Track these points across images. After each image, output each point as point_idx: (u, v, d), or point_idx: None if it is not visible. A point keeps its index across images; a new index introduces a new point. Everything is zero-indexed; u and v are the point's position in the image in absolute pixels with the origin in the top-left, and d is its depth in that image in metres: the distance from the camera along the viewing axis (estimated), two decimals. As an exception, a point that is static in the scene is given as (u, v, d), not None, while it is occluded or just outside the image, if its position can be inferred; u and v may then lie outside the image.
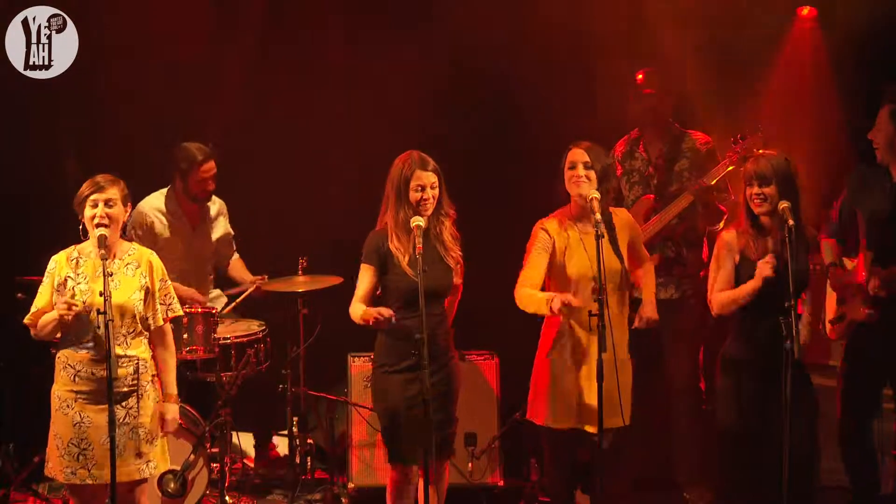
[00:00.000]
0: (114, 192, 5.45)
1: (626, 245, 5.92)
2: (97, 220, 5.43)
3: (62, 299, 5.37)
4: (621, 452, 5.92)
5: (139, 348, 5.53)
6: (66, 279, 5.48)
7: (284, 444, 7.42)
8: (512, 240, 6.25)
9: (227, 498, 6.76)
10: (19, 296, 6.67)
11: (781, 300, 5.47)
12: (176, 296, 5.71)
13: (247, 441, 7.55)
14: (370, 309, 5.65)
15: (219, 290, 7.39)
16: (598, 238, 5.58)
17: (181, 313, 5.74)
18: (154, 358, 5.61)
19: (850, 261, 6.32)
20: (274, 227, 7.63)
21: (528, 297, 5.80)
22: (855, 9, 7.18)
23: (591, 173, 5.79)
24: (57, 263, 5.53)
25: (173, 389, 5.64)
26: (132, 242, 5.71)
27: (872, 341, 6.20)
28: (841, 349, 6.47)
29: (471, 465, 6.89)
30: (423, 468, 5.60)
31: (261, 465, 7.44)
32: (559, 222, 5.91)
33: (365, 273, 5.76)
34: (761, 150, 6.48)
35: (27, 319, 5.54)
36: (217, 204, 7.35)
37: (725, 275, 5.82)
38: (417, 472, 5.73)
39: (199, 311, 6.80)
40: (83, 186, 5.48)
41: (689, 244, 6.88)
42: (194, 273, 7.23)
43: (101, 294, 5.30)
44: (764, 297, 5.64)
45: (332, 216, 7.51)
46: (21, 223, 7.44)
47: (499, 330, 6.95)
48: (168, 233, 7.17)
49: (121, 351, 5.46)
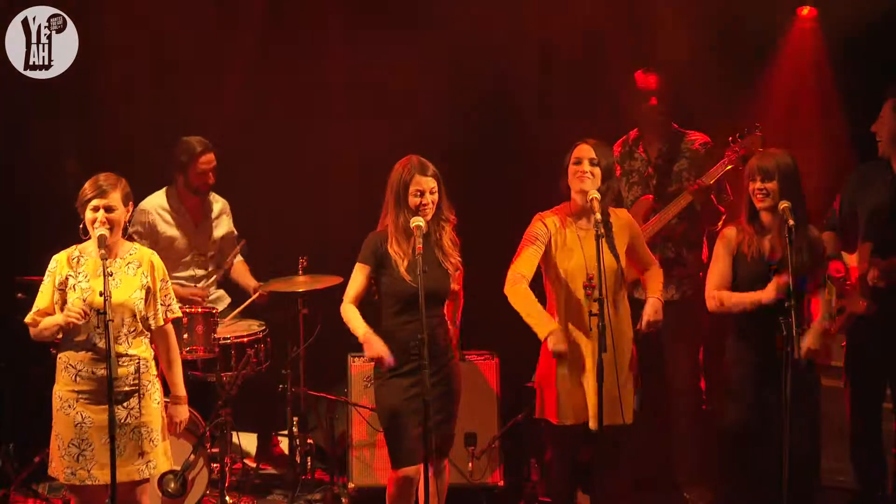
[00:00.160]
0: (115, 197, 5.45)
1: (625, 246, 5.91)
2: (97, 225, 5.43)
3: (76, 308, 5.35)
4: (621, 452, 5.92)
5: (140, 348, 5.53)
6: (66, 278, 5.48)
7: (284, 444, 7.43)
8: (512, 240, 6.24)
9: (228, 498, 6.76)
10: (19, 296, 6.68)
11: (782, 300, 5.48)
12: (176, 297, 5.71)
13: (248, 441, 7.56)
14: (376, 344, 5.61)
15: (222, 291, 7.39)
16: (598, 238, 5.58)
17: (179, 314, 5.73)
18: (157, 358, 5.61)
19: (850, 255, 6.33)
20: (274, 227, 7.63)
21: (525, 304, 5.80)
22: (855, 9, 7.17)
23: (597, 170, 5.79)
24: (58, 263, 5.53)
25: (182, 391, 5.66)
26: (134, 242, 5.71)
27: (872, 336, 6.20)
28: (842, 349, 6.47)
29: (471, 465, 6.89)
30: (423, 468, 5.59)
31: (264, 463, 7.43)
32: (558, 218, 5.91)
33: (359, 273, 5.74)
34: (760, 148, 6.50)
35: (28, 319, 5.54)
36: (220, 203, 7.36)
37: (720, 270, 5.84)
38: (418, 472, 5.73)
39: (199, 311, 6.81)
40: (85, 187, 5.48)
41: (689, 244, 6.87)
42: (197, 271, 7.25)
43: (101, 294, 5.31)
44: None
45: (332, 216, 7.52)
46: (21, 223, 7.44)
47: (499, 330, 6.93)
48: (170, 230, 7.18)
49: (121, 350, 5.46)
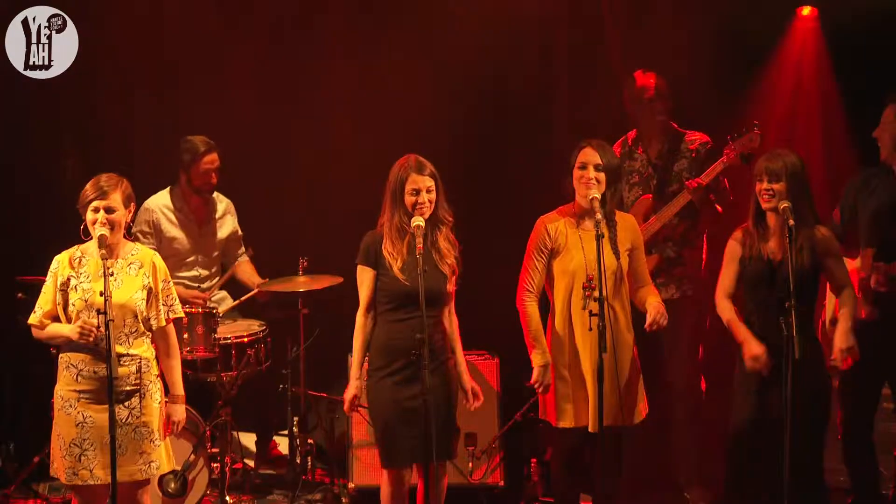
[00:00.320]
0: (115, 198, 5.45)
1: (627, 250, 5.88)
2: (98, 226, 5.43)
3: (89, 325, 5.34)
4: (622, 454, 5.92)
5: (141, 348, 5.53)
6: (68, 279, 5.48)
7: (285, 444, 7.43)
8: (511, 239, 6.24)
9: (228, 498, 6.76)
10: (19, 296, 6.69)
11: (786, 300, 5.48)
12: (178, 298, 5.70)
13: (248, 441, 7.56)
14: (352, 385, 5.72)
15: (224, 293, 7.38)
16: (599, 238, 5.58)
17: (181, 315, 5.72)
18: (158, 359, 5.61)
19: (851, 261, 6.33)
20: (274, 227, 7.62)
21: (528, 326, 5.89)
22: (855, 9, 7.17)
23: (602, 175, 5.77)
24: (60, 263, 5.53)
25: (180, 391, 5.64)
26: (135, 243, 5.70)
27: (872, 340, 6.20)
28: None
29: (471, 464, 6.89)
30: (423, 469, 5.59)
31: (262, 467, 7.43)
32: (560, 219, 5.90)
33: (365, 275, 5.72)
34: (757, 146, 6.50)
35: (35, 321, 5.52)
36: (224, 203, 7.36)
37: (726, 276, 5.86)
38: (410, 474, 5.72)
39: (200, 311, 6.81)
40: (87, 187, 5.47)
41: (690, 244, 6.87)
42: (201, 271, 7.26)
43: (102, 294, 5.31)
44: (769, 298, 5.66)
45: (332, 216, 7.51)
46: (21, 223, 7.43)
47: (499, 330, 6.93)
48: (174, 230, 7.18)
49: (122, 350, 5.46)
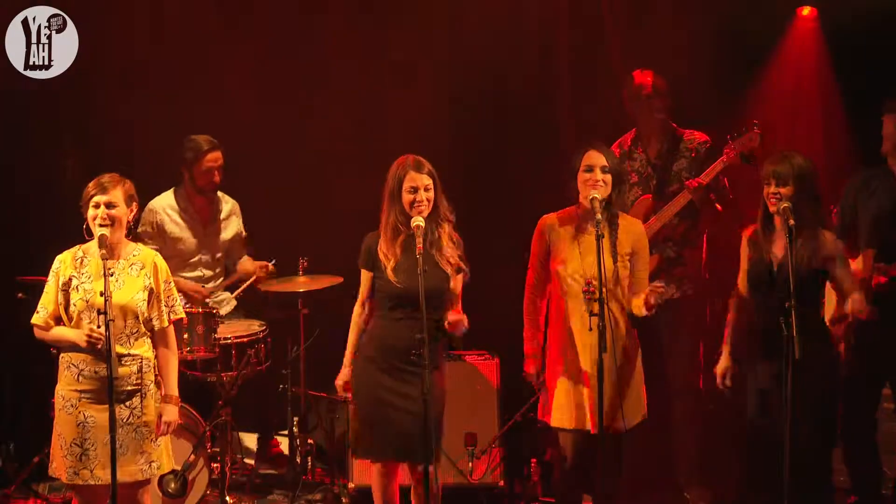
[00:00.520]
0: (116, 194, 5.45)
1: (627, 253, 5.86)
2: (98, 222, 5.43)
3: (96, 333, 5.35)
4: (622, 454, 5.92)
5: (142, 348, 5.53)
6: (70, 279, 5.48)
7: (285, 444, 7.43)
8: (511, 240, 6.25)
9: (228, 498, 6.76)
10: (20, 296, 6.69)
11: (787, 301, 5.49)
12: (178, 295, 5.70)
13: (248, 441, 7.56)
14: (342, 373, 5.77)
15: (228, 294, 7.38)
16: (599, 238, 5.58)
17: (182, 315, 5.73)
18: (157, 358, 5.61)
19: (851, 261, 6.32)
20: (274, 228, 7.62)
21: (526, 324, 5.95)
22: (855, 9, 7.17)
23: (608, 177, 5.77)
24: (62, 263, 5.53)
25: (174, 391, 5.63)
26: (137, 243, 5.69)
27: (872, 339, 6.20)
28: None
29: (471, 465, 6.89)
30: (422, 471, 5.59)
31: (262, 466, 7.43)
32: (561, 221, 5.90)
33: (363, 276, 5.78)
34: (757, 146, 6.50)
35: (39, 321, 5.52)
36: (230, 204, 7.36)
37: (741, 275, 5.91)
38: (395, 470, 5.74)
39: (200, 311, 6.80)
40: (88, 186, 5.48)
41: (690, 244, 6.88)
42: (205, 271, 7.27)
43: (102, 294, 5.31)
44: (770, 298, 5.67)
45: (332, 216, 7.51)
46: (21, 223, 7.43)
47: (499, 330, 6.94)
48: (178, 230, 7.19)
49: (123, 350, 5.46)
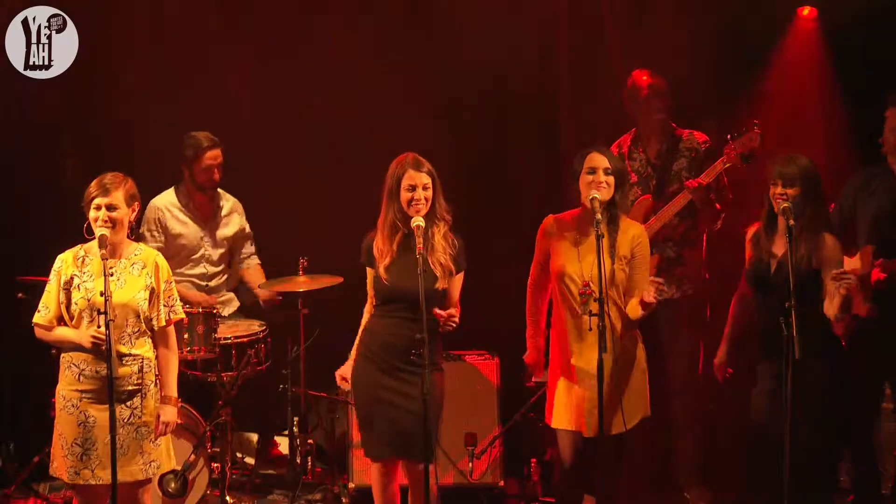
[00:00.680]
0: (118, 196, 5.46)
1: (626, 256, 5.84)
2: (99, 223, 5.44)
3: (100, 334, 5.35)
4: (622, 455, 5.92)
5: (143, 348, 5.54)
6: (72, 278, 5.49)
7: (285, 443, 7.44)
8: (511, 240, 6.25)
9: (228, 498, 6.76)
10: (20, 296, 6.69)
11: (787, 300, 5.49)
12: (180, 299, 5.71)
13: (248, 441, 7.56)
14: (344, 368, 5.81)
15: (231, 294, 7.39)
16: (599, 238, 5.58)
17: (182, 316, 5.73)
18: (157, 358, 5.61)
19: (850, 259, 6.34)
20: (274, 227, 7.62)
21: (527, 314, 6.00)
22: (855, 9, 7.17)
23: (611, 178, 5.76)
24: (63, 262, 5.54)
25: (173, 392, 5.63)
26: (139, 243, 5.70)
27: (872, 338, 6.21)
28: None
29: (471, 464, 6.90)
30: (424, 470, 5.57)
31: (263, 466, 7.44)
32: (563, 222, 5.90)
33: (368, 276, 5.79)
34: (757, 146, 6.50)
35: (43, 321, 5.52)
36: (231, 201, 7.36)
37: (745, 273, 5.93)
38: (394, 468, 5.74)
39: (200, 311, 6.81)
40: (91, 185, 5.49)
41: (690, 244, 6.88)
42: (208, 268, 7.26)
43: (102, 294, 5.31)
44: (770, 298, 5.67)
45: (332, 216, 7.51)
46: (21, 223, 7.43)
47: (499, 330, 6.95)
48: (181, 227, 7.19)
49: (124, 350, 5.47)
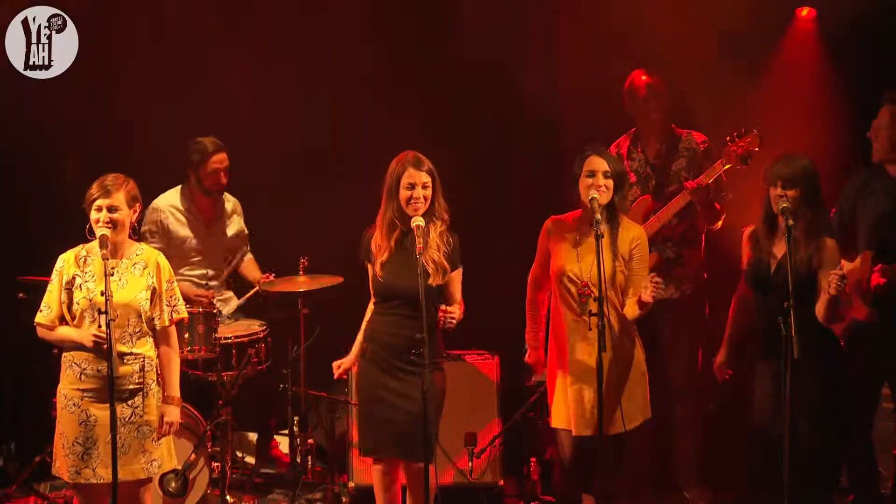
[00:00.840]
0: (119, 197, 5.47)
1: (624, 257, 5.84)
2: (100, 225, 5.45)
3: (102, 333, 5.36)
4: (622, 455, 5.92)
5: (145, 347, 5.54)
6: (73, 278, 5.49)
7: (285, 443, 7.44)
8: (511, 240, 6.25)
9: (228, 497, 6.76)
10: (20, 295, 6.69)
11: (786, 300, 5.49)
12: (182, 298, 5.71)
13: (248, 441, 7.56)
14: (346, 359, 5.89)
15: (231, 293, 7.39)
16: (598, 238, 5.58)
17: (185, 315, 5.73)
18: (158, 358, 5.61)
19: (849, 262, 6.33)
20: (274, 227, 7.63)
21: (526, 314, 6.01)
22: (855, 9, 7.17)
23: (610, 182, 5.76)
24: (65, 262, 5.54)
25: (175, 392, 5.64)
26: (140, 243, 5.70)
27: (871, 340, 6.21)
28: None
29: (471, 464, 6.90)
30: (424, 469, 5.58)
31: (263, 466, 7.44)
32: (564, 223, 5.90)
33: (369, 272, 5.80)
34: (757, 147, 6.51)
35: (45, 321, 5.52)
36: (231, 202, 7.38)
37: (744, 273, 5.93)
38: (395, 468, 5.75)
39: (201, 310, 6.81)
40: (92, 186, 5.49)
41: (689, 244, 6.88)
42: (209, 269, 7.27)
43: (102, 293, 5.32)
44: (770, 298, 5.67)
45: (332, 216, 7.52)
46: (21, 223, 7.44)
47: (499, 330, 6.95)
48: (182, 229, 7.19)
49: (125, 349, 5.47)
